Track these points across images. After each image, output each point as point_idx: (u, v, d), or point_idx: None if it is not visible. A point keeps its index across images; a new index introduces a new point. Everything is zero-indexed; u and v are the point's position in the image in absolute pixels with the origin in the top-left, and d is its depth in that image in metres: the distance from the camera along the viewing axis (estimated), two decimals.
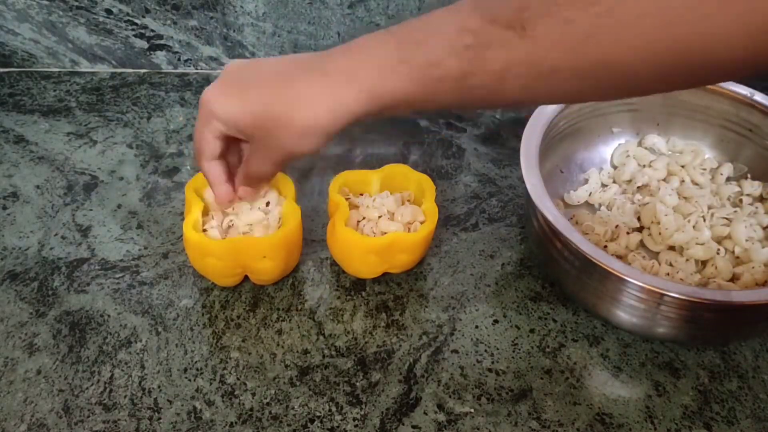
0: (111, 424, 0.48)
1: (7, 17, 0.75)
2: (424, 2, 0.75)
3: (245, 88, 0.44)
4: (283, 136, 0.43)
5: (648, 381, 0.52)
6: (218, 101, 0.44)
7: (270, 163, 0.47)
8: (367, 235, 0.56)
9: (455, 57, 0.36)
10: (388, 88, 0.39)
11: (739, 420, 0.50)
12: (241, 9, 0.76)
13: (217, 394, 0.50)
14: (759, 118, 0.62)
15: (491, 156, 0.72)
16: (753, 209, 0.61)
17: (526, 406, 0.50)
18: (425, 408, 0.50)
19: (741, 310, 0.48)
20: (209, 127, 0.46)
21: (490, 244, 0.63)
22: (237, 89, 0.44)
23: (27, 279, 0.58)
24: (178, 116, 0.76)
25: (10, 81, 0.79)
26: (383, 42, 0.39)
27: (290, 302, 0.57)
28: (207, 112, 0.45)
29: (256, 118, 0.43)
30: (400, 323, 0.56)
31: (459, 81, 0.37)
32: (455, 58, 0.36)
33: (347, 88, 0.40)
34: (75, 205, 0.65)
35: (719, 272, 0.57)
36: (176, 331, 0.54)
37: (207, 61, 0.81)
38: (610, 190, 0.64)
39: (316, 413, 0.49)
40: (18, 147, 0.71)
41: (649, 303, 0.49)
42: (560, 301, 0.58)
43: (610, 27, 0.33)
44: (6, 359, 0.52)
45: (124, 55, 0.80)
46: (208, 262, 0.53)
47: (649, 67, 0.34)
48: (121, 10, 0.76)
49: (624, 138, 0.68)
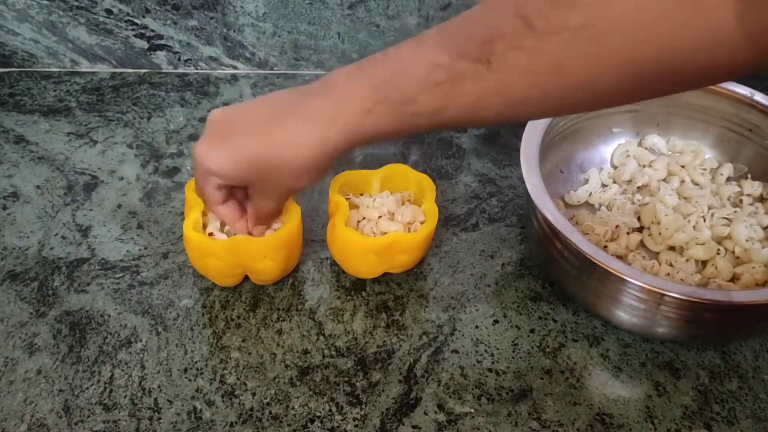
0: (111, 424, 0.48)
1: (7, 17, 0.75)
2: (424, 2, 0.75)
3: (233, 138, 0.45)
4: (280, 178, 0.45)
5: (648, 381, 0.52)
6: (210, 157, 0.45)
7: (273, 201, 0.49)
8: (367, 235, 0.56)
9: (428, 94, 0.38)
10: (368, 127, 0.41)
11: (739, 420, 0.50)
12: (241, 9, 0.76)
13: (217, 394, 0.50)
14: (759, 118, 0.62)
15: (491, 156, 0.72)
16: (753, 209, 0.61)
17: (526, 406, 0.50)
18: (425, 408, 0.50)
19: (741, 310, 0.48)
20: (208, 181, 0.47)
21: (490, 244, 0.63)
22: (226, 140, 0.45)
23: (27, 279, 0.58)
24: (178, 116, 0.76)
25: (10, 81, 0.79)
26: (358, 82, 0.41)
27: (290, 302, 0.57)
28: (202, 168, 0.46)
29: (251, 166, 0.45)
30: (400, 323, 0.56)
31: (434, 115, 0.39)
32: (428, 95, 0.38)
33: (330, 131, 0.42)
34: (75, 205, 0.65)
35: (719, 272, 0.57)
36: (176, 331, 0.54)
37: (207, 61, 0.81)
38: (610, 190, 0.64)
39: (316, 413, 0.49)
40: (18, 147, 0.71)
41: (649, 303, 0.49)
42: (560, 301, 0.58)
43: (578, 54, 0.34)
44: (6, 359, 0.52)
45: (124, 55, 0.80)
46: (208, 262, 0.53)
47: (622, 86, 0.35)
48: (121, 10, 0.76)
49: (624, 138, 0.68)
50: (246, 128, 0.45)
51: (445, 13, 0.76)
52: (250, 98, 0.78)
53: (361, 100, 0.40)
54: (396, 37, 0.78)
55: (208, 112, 0.75)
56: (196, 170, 0.47)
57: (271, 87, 0.80)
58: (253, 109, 0.46)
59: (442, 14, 0.76)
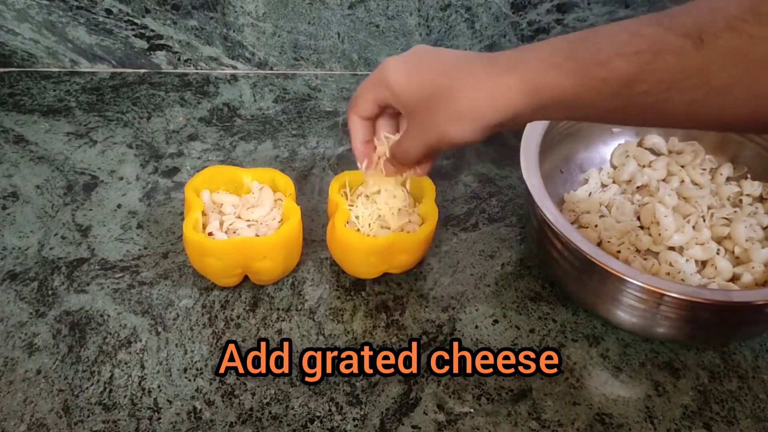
0: (111, 424, 0.48)
1: (7, 17, 0.75)
2: (424, 2, 0.75)
3: (423, 65, 0.45)
4: (440, 117, 0.43)
5: (648, 381, 0.52)
6: (395, 68, 0.45)
7: (421, 143, 0.46)
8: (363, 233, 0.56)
9: (624, 59, 0.35)
10: (550, 82, 0.38)
11: (739, 420, 0.50)
12: (241, 9, 0.76)
13: (217, 394, 0.50)
14: None
15: (491, 156, 0.72)
16: (753, 209, 0.61)
17: (525, 406, 0.50)
18: (425, 408, 0.50)
19: (741, 310, 0.48)
20: (375, 89, 0.47)
21: (490, 244, 0.63)
22: (416, 64, 0.45)
23: (27, 279, 0.58)
24: (178, 116, 0.76)
25: (10, 81, 0.79)
26: (554, 42, 0.39)
27: (290, 302, 0.57)
28: (380, 75, 0.46)
29: (422, 92, 0.44)
30: (400, 323, 0.56)
31: (624, 86, 0.36)
32: (624, 60, 0.35)
33: (509, 77, 0.39)
34: (75, 205, 0.65)
35: (719, 272, 0.57)
36: (176, 331, 0.54)
37: (207, 61, 0.81)
38: (609, 190, 0.64)
39: (316, 413, 0.49)
40: (18, 147, 0.71)
41: (649, 303, 0.49)
42: (560, 301, 0.58)
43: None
44: (6, 359, 0.52)
45: (124, 55, 0.80)
46: (208, 262, 0.53)
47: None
48: (121, 10, 0.75)
49: (624, 138, 0.68)
50: (437, 63, 0.44)
51: (445, 13, 0.76)
52: (249, 98, 0.78)
53: (551, 54, 0.38)
54: (396, 37, 0.78)
55: (208, 112, 0.76)
56: (372, 74, 0.47)
57: (271, 87, 0.80)
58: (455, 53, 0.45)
59: (442, 14, 0.76)
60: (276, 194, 0.58)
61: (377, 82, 0.47)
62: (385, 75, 0.46)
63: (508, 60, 0.40)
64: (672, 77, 0.34)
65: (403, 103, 0.46)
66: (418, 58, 0.45)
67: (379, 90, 0.47)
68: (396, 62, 0.46)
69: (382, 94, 0.47)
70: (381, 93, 0.47)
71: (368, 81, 0.48)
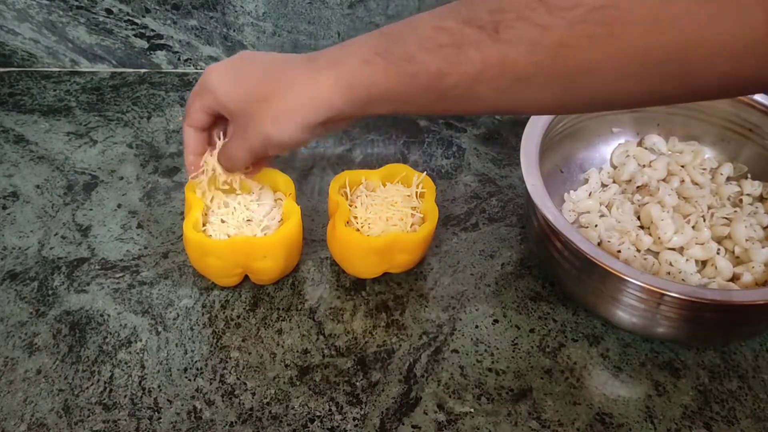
0: (111, 423, 0.48)
1: (7, 17, 0.75)
2: (424, 2, 0.75)
3: (245, 69, 0.45)
4: (261, 119, 0.43)
5: (648, 381, 0.52)
6: (217, 74, 0.45)
7: (246, 148, 0.46)
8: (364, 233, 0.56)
9: (430, 54, 0.36)
10: (365, 79, 0.39)
11: (739, 420, 0.50)
12: (241, 9, 0.76)
13: (217, 393, 0.50)
14: (759, 118, 0.62)
15: (491, 156, 0.72)
16: (753, 209, 0.61)
17: (526, 406, 0.50)
18: (425, 408, 0.50)
19: (741, 310, 0.48)
20: (200, 97, 0.47)
21: (490, 244, 0.63)
22: (238, 69, 0.45)
23: (27, 279, 0.58)
24: (178, 116, 0.76)
25: (10, 81, 0.79)
26: (368, 38, 0.40)
27: (290, 302, 0.57)
28: (203, 82, 0.46)
29: (245, 96, 0.44)
30: (400, 323, 0.56)
31: (434, 79, 0.37)
32: (430, 55, 0.36)
33: (326, 75, 0.40)
34: (75, 204, 0.65)
35: (719, 272, 0.57)
36: (176, 331, 0.54)
37: (207, 61, 0.81)
38: (610, 190, 0.64)
39: (316, 413, 0.49)
40: (18, 147, 0.71)
41: (649, 303, 0.49)
42: (560, 301, 0.58)
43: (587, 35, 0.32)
44: (6, 359, 0.52)
45: (124, 55, 0.80)
46: (208, 261, 0.53)
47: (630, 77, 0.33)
48: (121, 9, 0.75)
49: (624, 138, 0.68)
50: (260, 65, 0.44)
51: None
52: None
53: (364, 50, 0.39)
54: None
55: None
56: (197, 83, 0.47)
57: None
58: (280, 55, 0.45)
59: None
60: (276, 194, 0.58)
61: (201, 90, 0.46)
62: (208, 82, 0.45)
63: (327, 58, 0.41)
64: (475, 69, 0.35)
65: (228, 109, 0.46)
66: (241, 63, 0.45)
67: (204, 97, 0.46)
68: (218, 68, 0.45)
69: (208, 101, 0.46)
70: (207, 100, 0.46)
71: (193, 91, 0.47)
